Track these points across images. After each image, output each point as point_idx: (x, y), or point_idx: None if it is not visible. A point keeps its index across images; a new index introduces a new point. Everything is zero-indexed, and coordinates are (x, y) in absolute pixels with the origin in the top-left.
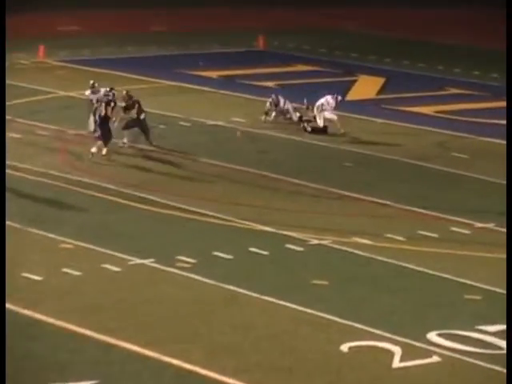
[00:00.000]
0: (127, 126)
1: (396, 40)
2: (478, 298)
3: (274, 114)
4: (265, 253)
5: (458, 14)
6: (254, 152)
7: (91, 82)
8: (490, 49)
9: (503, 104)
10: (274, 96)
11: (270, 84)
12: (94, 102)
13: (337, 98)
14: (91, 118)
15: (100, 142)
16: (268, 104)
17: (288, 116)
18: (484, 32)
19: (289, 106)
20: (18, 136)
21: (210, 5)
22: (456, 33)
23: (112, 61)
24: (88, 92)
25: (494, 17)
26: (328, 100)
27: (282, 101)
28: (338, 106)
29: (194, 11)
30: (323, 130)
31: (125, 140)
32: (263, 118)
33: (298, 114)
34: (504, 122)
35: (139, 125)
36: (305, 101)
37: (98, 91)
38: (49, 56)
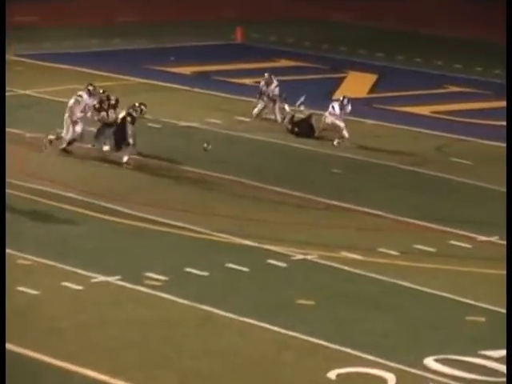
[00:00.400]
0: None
1: (389, 32)
2: (480, 319)
3: (261, 103)
4: (244, 269)
5: (458, 4)
6: (232, 157)
7: (89, 83)
8: (493, 42)
9: None
10: (267, 75)
11: (249, 81)
12: (97, 105)
13: (342, 101)
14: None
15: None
16: (261, 84)
17: (271, 116)
18: (487, 24)
19: (277, 92)
20: None
21: None
22: (457, 24)
23: (74, 55)
24: (84, 94)
25: (498, 7)
26: (334, 105)
27: (274, 83)
28: (346, 109)
29: None
30: (308, 130)
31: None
32: (255, 101)
33: (286, 108)
34: None
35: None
36: (301, 99)
37: (95, 94)
38: None
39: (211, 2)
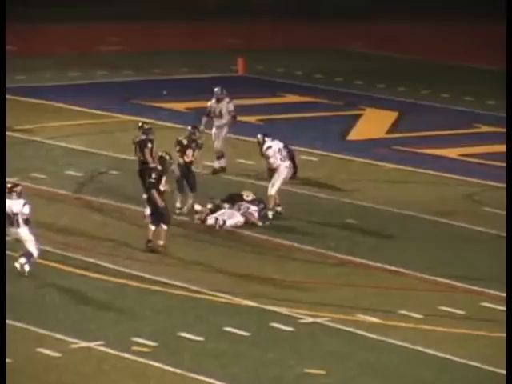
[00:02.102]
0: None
1: (412, 63)
2: None
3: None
4: (245, 333)
5: (492, 30)
6: None
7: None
8: None
9: None
10: (217, 90)
11: (252, 119)
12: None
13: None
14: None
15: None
16: (211, 102)
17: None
18: None
19: (232, 107)
20: None
21: (175, 18)
22: (489, 54)
23: (51, 88)
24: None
25: None
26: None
27: (227, 99)
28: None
29: (156, 26)
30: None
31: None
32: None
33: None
34: None
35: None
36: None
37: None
38: None
39: (208, 28)
